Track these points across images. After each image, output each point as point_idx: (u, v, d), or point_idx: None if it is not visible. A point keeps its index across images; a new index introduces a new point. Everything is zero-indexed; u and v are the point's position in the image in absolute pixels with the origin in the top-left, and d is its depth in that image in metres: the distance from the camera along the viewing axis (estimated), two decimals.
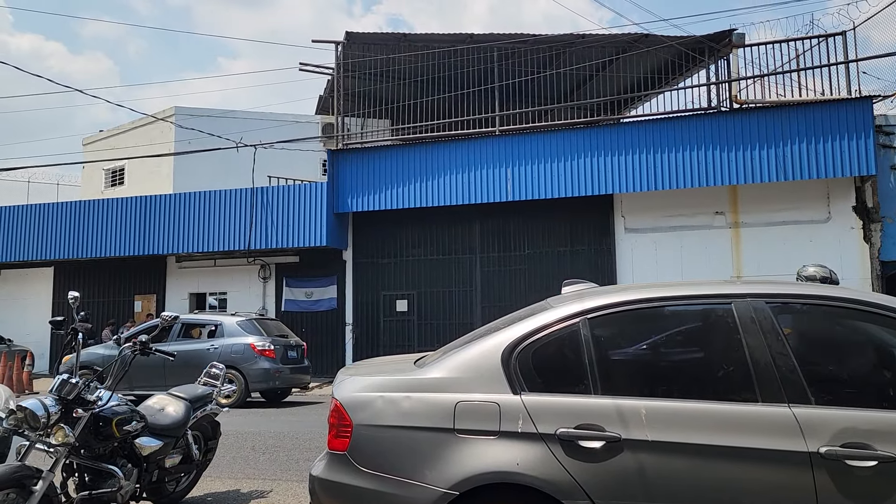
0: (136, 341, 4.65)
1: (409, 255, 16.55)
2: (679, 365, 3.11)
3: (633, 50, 16.00)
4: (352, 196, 16.06)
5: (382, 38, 16.64)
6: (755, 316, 2.90)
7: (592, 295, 3.28)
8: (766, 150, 13.62)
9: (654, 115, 15.40)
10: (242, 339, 12.12)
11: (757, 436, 2.67)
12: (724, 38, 14.87)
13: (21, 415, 3.88)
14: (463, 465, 2.84)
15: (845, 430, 2.62)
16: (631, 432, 2.73)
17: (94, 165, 23.46)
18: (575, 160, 14.69)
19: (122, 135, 23.40)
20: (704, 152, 13.94)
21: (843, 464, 2.58)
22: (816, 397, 2.72)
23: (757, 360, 2.81)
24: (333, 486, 3.07)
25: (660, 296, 3.13)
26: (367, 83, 17.51)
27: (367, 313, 16.71)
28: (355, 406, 3.11)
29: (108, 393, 4.23)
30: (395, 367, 3.64)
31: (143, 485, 4.47)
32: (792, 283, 3.22)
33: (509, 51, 15.99)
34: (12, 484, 3.63)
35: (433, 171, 15.51)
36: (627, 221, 15.16)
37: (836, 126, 13.30)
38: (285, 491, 5.82)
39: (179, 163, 20.30)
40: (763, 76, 14.52)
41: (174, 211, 16.97)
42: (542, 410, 2.86)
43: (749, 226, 14.38)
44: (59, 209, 17.95)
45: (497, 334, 3.16)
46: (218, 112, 22.02)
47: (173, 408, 4.88)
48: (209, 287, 18.23)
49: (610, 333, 3.11)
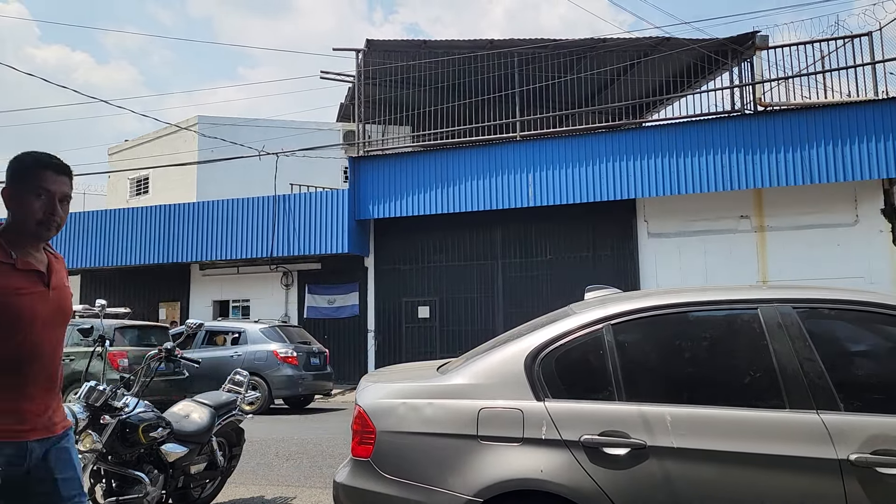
0: (162, 349, 4.70)
1: (430, 262, 16.56)
2: (704, 371, 3.07)
3: (655, 53, 15.91)
4: (373, 203, 16.12)
5: (402, 46, 16.72)
6: (782, 321, 2.86)
7: (615, 301, 3.25)
8: (792, 152, 13.45)
9: (677, 119, 15.31)
10: (265, 346, 12.21)
11: (785, 443, 2.63)
12: (747, 41, 14.75)
13: None
14: (487, 472, 2.83)
15: (876, 437, 2.57)
16: (656, 439, 2.71)
17: (120, 175, 23.80)
18: (597, 165, 14.63)
19: (147, 144, 23.72)
20: (728, 156, 13.81)
21: (873, 471, 2.53)
22: (846, 403, 2.67)
23: (784, 366, 2.77)
24: (357, 492, 3.07)
25: (684, 301, 3.10)
26: (387, 90, 17.59)
27: (389, 320, 16.74)
28: (379, 413, 3.11)
29: (134, 400, 4.27)
30: (418, 373, 3.64)
31: (169, 491, 4.51)
32: (819, 288, 3.18)
33: (529, 56, 15.97)
34: None
35: (454, 177, 15.52)
36: (650, 226, 15.05)
37: (862, 128, 13.10)
38: (309, 497, 5.84)
39: (203, 171, 20.53)
40: (788, 78, 14.37)
41: (198, 219, 17.15)
42: (566, 417, 2.84)
43: (775, 230, 14.21)
44: (86, 218, 18.24)
45: (520, 340, 3.15)
46: (240, 121, 22.25)
47: (198, 414, 4.91)
48: (232, 294, 18.38)
49: (634, 339, 3.08)
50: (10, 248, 2.25)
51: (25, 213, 2.26)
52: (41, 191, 2.27)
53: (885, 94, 13.49)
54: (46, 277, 2.32)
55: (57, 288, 2.36)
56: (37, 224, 2.27)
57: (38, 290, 2.28)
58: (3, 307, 2.18)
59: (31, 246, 2.32)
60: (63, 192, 2.33)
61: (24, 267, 2.26)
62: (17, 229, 2.29)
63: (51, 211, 2.28)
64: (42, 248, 2.37)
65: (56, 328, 2.35)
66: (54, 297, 2.33)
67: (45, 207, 2.27)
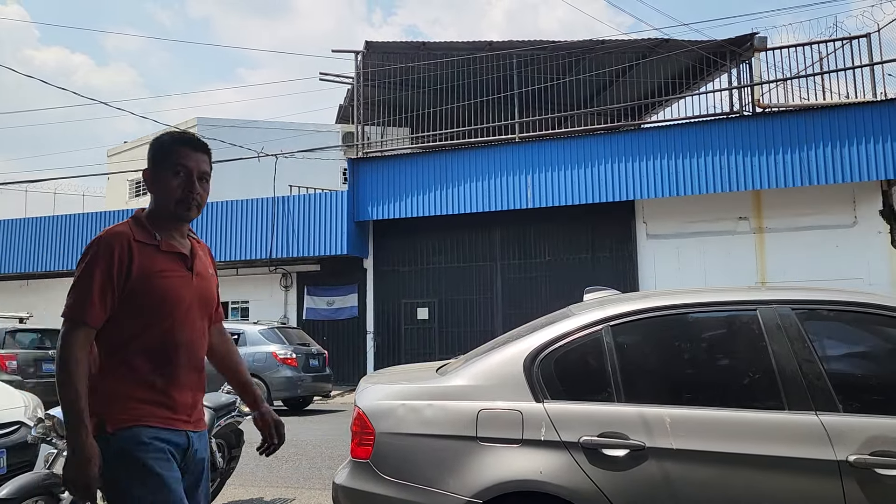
0: None
1: (429, 263, 16.56)
2: (703, 372, 3.07)
3: (654, 55, 15.93)
4: (372, 204, 16.12)
5: (401, 47, 16.73)
6: (781, 322, 2.86)
7: (614, 302, 3.26)
8: (790, 154, 13.46)
9: (675, 120, 15.32)
10: (264, 347, 12.20)
11: (784, 444, 2.63)
12: (746, 42, 14.76)
13: (49, 423, 3.93)
14: (486, 473, 2.83)
15: (875, 438, 2.58)
16: (655, 440, 2.71)
17: (119, 176, 23.78)
18: (595, 166, 14.63)
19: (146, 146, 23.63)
20: (727, 157, 13.82)
21: (872, 472, 2.53)
22: (844, 405, 2.68)
23: (783, 367, 2.77)
24: (356, 494, 3.07)
25: (683, 303, 3.11)
26: (386, 92, 17.60)
27: (388, 321, 16.74)
28: (378, 414, 3.11)
29: None
30: (417, 375, 3.64)
31: None
32: (818, 289, 3.18)
33: (528, 58, 15.99)
34: (41, 492, 3.68)
35: (453, 178, 15.52)
36: (649, 227, 15.06)
37: (861, 129, 13.12)
38: (308, 499, 5.84)
39: None
40: (786, 80, 14.39)
41: (197, 220, 17.11)
42: (565, 418, 2.84)
43: (773, 231, 14.22)
44: (85, 220, 18.24)
45: (519, 342, 3.15)
46: (239, 122, 22.25)
47: None
48: (231, 296, 18.37)
49: (633, 341, 3.08)
50: (154, 230, 2.20)
51: (165, 193, 2.21)
52: (179, 168, 2.22)
53: (884, 95, 13.51)
54: (189, 261, 2.26)
55: (200, 274, 2.29)
56: (176, 203, 2.21)
57: (182, 274, 2.22)
58: (148, 288, 2.12)
59: (175, 229, 2.26)
60: (202, 170, 2.26)
61: (167, 249, 2.21)
62: (159, 211, 2.24)
63: (189, 188, 2.21)
64: (187, 235, 2.33)
65: (200, 316, 2.28)
66: (197, 283, 2.26)
67: (183, 185, 2.21)
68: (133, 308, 2.11)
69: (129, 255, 2.11)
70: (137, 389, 2.09)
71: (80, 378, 1.99)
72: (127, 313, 2.10)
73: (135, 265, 2.10)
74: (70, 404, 1.97)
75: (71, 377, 1.98)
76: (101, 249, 2.08)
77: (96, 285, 2.05)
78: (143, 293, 2.11)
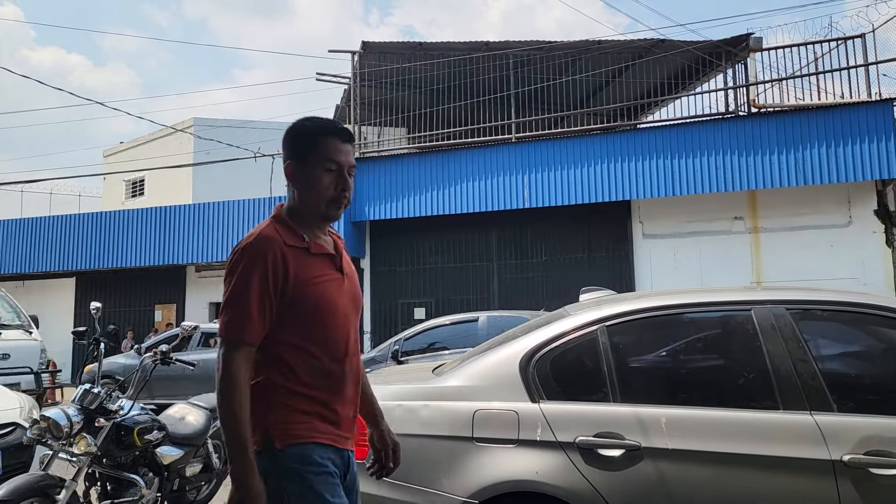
0: (157, 351, 4.69)
1: (426, 263, 16.56)
2: (699, 372, 3.09)
3: (650, 55, 15.94)
4: (369, 204, 16.11)
5: (398, 48, 16.72)
6: (775, 322, 2.87)
7: (610, 302, 3.27)
8: (786, 154, 13.49)
9: (671, 121, 15.34)
10: None
11: (778, 444, 2.64)
12: (741, 43, 14.79)
13: (44, 424, 3.93)
14: (482, 473, 2.84)
15: (869, 438, 2.59)
16: (651, 440, 2.72)
17: (115, 177, 23.78)
18: (592, 166, 14.64)
19: (142, 146, 23.71)
20: (723, 157, 13.84)
21: (866, 472, 2.55)
22: (839, 404, 2.69)
23: (778, 367, 2.78)
24: None
25: (678, 303, 3.12)
26: (383, 92, 17.59)
27: (384, 321, 16.73)
28: None
29: (129, 402, 4.27)
30: (414, 375, 3.64)
31: (165, 493, 4.50)
32: (813, 289, 3.19)
33: (525, 58, 15.99)
34: (36, 493, 3.68)
35: (450, 178, 15.52)
36: (645, 227, 15.07)
37: (856, 129, 13.15)
38: None
39: (198, 173, 20.51)
40: (781, 80, 14.41)
41: (193, 221, 17.12)
42: (561, 419, 2.85)
43: (769, 231, 14.24)
44: (81, 220, 18.19)
45: (515, 342, 3.16)
46: (236, 122, 22.26)
47: (194, 417, 4.91)
48: None
49: (628, 341, 3.09)
50: (301, 231, 1.99)
51: (315, 191, 1.98)
52: (331, 163, 1.99)
53: (878, 95, 13.54)
54: (338, 261, 2.07)
55: (348, 275, 2.10)
56: (327, 202, 2.00)
57: (333, 277, 2.02)
58: (304, 297, 1.92)
59: (319, 228, 2.06)
60: (351, 164, 2.04)
61: (317, 251, 2.00)
62: (305, 209, 2.01)
63: (343, 186, 2.00)
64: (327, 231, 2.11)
65: (354, 319, 2.08)
66: (348, 285, 2.07)
67: (336, 182, 1.99)
68: (291, 319, 1.92)
69: (284, 262, 1.90)
70: (303, 403, 1.92)
71: (243, 405, 1.82)
72: (285, 325, 1.91)
73: (290, 273, 1.91)
74: (234, 435, 1.80)
75: (233, 405, 1.81)
76: (253, 258, 1.88)
77: (253, 299, 1.86)
78: (300, 303, 1.92)
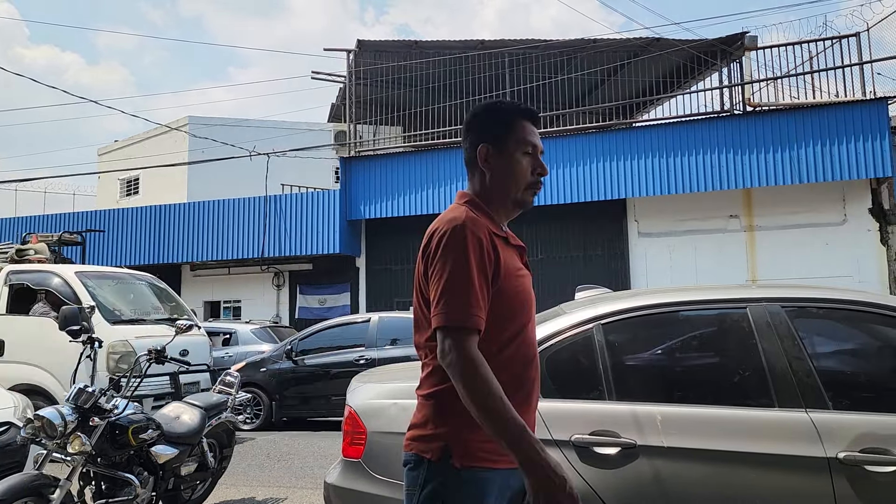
0: (152, 349, 4.68)
1: None
2: (694, 370, 3.08)
3: (645, 54, 15.96)
4: (364, 203, 16.10)
5: (394, 46, 16.71)
6: (771, 320, 2.87)
7: (606, 300, 3.26)
8: (781, 152, 13.52)
9: (666, 119, 15.35)
10: (257, 346, 12.17)
11: (774, 441, 2.64)
12: (736, 41, 14.81)
13: (38, 424, 3.91)
14: None
15: (864, 436, 2.59)
16: (646, 438, 2.71)
17: (110, 175, 23.69)
18: (587, 165, 14.66)
19: (137, 145, 23.63)
20: (718, 156, 13.86)
21: (862, 469, 2.55)
22: (834, 402, 2.69)
23: (773, 364, 2.78)
24: (348, 493, 3.07)
25: (674, 301, 3.11)
26: (378, 90, 17.57)
27: None
28: (369, 413, 3.11)
29: (124, 401, 4.25)
30: (410, 374, 3.63)
31: (159, 493, 4.49)
32: (808, 287, 3.20)
33: (520, 56, 16.00)
34: (30, 492, 3.66)
35: (445, 177, 15.52)
36: (641, 226, 15.09)
37: (850, 128, 13.19)
38: (300, 498, 5.83)
39: (193, 172, 20.45)
40: (776, 79, 14.44)
41: (188, 220, 17.09)
42: (557, 417, 2.84)
43: (764, 229, 14.27)
44: (75, 219, 18.13)
45: None
46: (231, 121, 22.19)
47: (189, 416, 4.90)
48: (223, 295, 18.31)
49: (624, 339, 3.09)
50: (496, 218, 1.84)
51: (513, 176, 1.84)
52: (528, 145, 1.85)
53: (873, 94, 13.57)
54: (525, 256, 1.91)
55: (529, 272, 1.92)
56: (525, 189, 1.86)
57: (526, 273, 1.87)
58: (512, 290, 1.77)
59: (507, 216, 1.91)
60: (542, 148, 1.90)
61: (514, 242, 1.87)
62: (499, 196, 1.86)
63: (541, 170, 1.87)
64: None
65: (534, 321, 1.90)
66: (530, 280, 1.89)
67: (533, 167, 1.86)
68: (496, 314, 1.74)
69: (494, 248, 1.75)
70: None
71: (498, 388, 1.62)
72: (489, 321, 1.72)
73: (501, 261, 1.75)
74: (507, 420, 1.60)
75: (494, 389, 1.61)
76: (468, 240, 1.70)
77: (475, 282, 1.67)
78: (504, 295, 1.75)
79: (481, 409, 1.61)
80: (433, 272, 1.73)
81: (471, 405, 1.62)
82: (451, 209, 1.82)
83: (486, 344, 1.70)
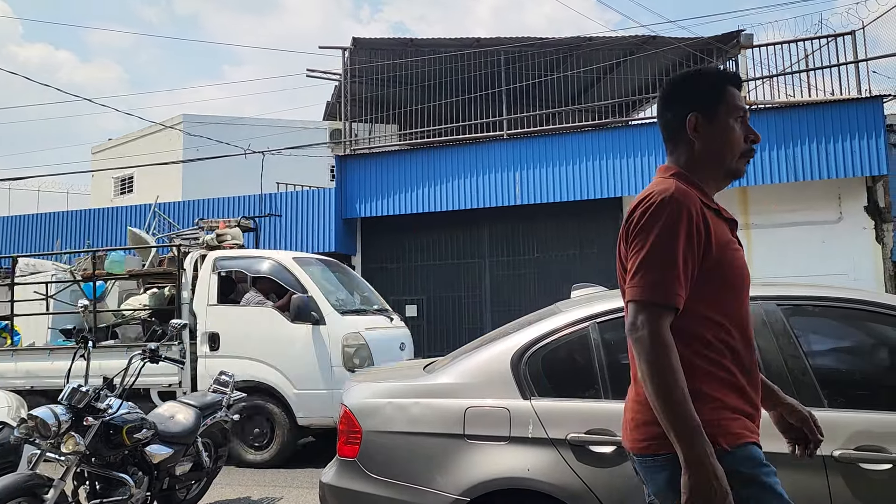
0: (146, 348, 4.66)
1: (417, 261, 16.53)
2: None
3: (641, 52, 15.96)
4: (360, 201, 16.07)
5: (389, 44, 16.69)
6: (766, 318, 2.87)
7: (602, 299, 3.26)
8: (776, 150, 13.53)
9: None
10: None
11: (769, 439, 2.64)
12: (732, 39, 14.83)
13: (32, 423, 3.90)
14: (473, 471, 2.82)
15: (859, 434, 2.59)
16: None
17: (104, 174, 23.60)
18: (583, 163, 14.66)
19: (131, 143, 23.56)
20: None
21: (857, 467, 2.55)
22: (829, 400, 2.69)
23: (768, 362, 2.78)
24: (344, 492, 3.06)
25: None
26: (374, 88, 17.54)
27: None
28: (365, 412, 3.10)
29: (118, 401, 4.24)
30: (405, 372, 3.63)
31: (154, 492, 4.48)
32: (803, 285, 3.20)
33: (516, 54, 15.99)
34: (24, 493, 3.64)
35: (441, 175, 15.50)
36: None
37: (846, 126, 13.21)
38: (296, 498, 5.82)
39: (188, 170, 20.40)
40: (772, 77, 14.46)
41: (183, 218, 17.04)
42: (553, 415, 2.84)
43: (759, 227, 14.28)
44: (69, 217, 18.07)
45: (506, 339, 3.15)
46: (226, 119, 22.14)
47: (183, 415, 4.88)
48: None
49: (619, 337, 3.07)
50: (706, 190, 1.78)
51: (726, 145, 1.78)
52: (741, 111, 1.80)
53: (869, 92, 13.60)
54: (736, 229, 1.84)
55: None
56: (739, 157, 1.80)
57: (739, 247, 1.80)
58: (722, 264, 1.69)
59: (717, 188, 1.86)
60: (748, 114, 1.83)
61: (726, 215, 1.81)
62: (714, 165, 1.80)
63: (753, 137, 1.80)
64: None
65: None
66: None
67: (747, 133, 1.80)
68: (709, 290, 1.67)
69: (705, 220, 1.68)
70: (731, 395, 1.69)
71: (683, 377, 1.58)
72: (701, 295, 1.66)
73: (713, 235, 1.68)
74: (683, 413, 1.54)
75: (680, 378, 1.56)
76: (675, 212, 1.63)
77: (679, 258, 1.61)
78: (720, 269, 1.68)
79: (664, 397, 1.56)
80: (634, 243, 1.70)
81: (653, 389, 1.58)
82: (656, 181, 1.77)
83: (700, 318, 1.66)
